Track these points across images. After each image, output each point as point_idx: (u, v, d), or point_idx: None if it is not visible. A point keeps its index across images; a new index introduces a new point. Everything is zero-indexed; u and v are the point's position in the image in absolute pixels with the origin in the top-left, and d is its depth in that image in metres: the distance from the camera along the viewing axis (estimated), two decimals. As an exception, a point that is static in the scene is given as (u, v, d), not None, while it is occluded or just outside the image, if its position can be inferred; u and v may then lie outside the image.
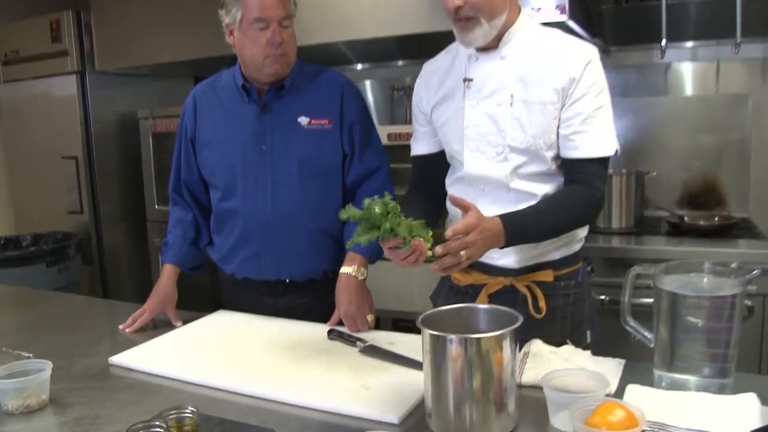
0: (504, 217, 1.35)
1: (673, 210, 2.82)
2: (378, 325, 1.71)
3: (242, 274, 1.82)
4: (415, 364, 1.37)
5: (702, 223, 2.70)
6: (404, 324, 3.21)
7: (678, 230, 2.67)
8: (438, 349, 1.08)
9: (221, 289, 1.93)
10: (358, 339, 1.53)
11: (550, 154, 1.46)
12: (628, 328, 1.34)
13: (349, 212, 1.25)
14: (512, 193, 1.47)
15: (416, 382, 1.27)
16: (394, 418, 1.16)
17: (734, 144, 2.87)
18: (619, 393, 1.22)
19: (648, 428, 1.04)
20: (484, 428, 1.08)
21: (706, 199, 2.94)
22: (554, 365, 1.33)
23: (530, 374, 1.30)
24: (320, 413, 1.21)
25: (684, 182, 2.94)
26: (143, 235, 3.52)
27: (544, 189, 1.47)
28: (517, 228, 1.36)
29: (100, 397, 1.30)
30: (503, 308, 1.18)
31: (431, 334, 1.09)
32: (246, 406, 1.25)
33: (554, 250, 1.51)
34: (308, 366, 1.41)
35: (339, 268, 1.75)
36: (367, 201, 1.24)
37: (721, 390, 1.22)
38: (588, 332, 1.57)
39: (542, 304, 1.49)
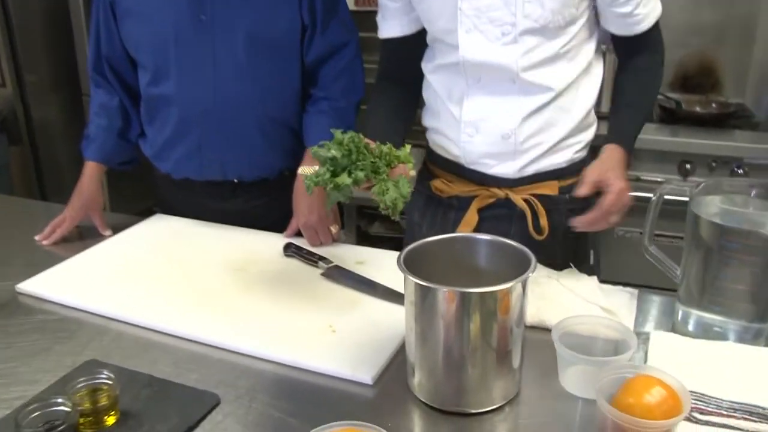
0: (616, 141, 1.17)
1: (665, 93, 2.57)
2: (341, 214, 1.47)
3: (181, 174, 1.52)
4: (391, 295, 1.14)
5: (698, 109, 2.47)
6: (370, 212, 3.00)
7: (672, 117, 2.44)
8: (426, 302, 0.84)
9: (157, 190, 1.63)
10: (321, 258, 1.29)
11: (568, 30, 1.17)
12: (649, 257, 1.11)
13: (311, 180, 0.98)
14: (518, 85, 1.18)
15: (393, 323, 1.05)
16: (366, 378, 0.93)
17: (738, 20, 2.58)
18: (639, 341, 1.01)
19: (688, 403, 0.84)
20: (483, 397, 0.87)
21: (701, 82, 2.69)
22: (557, 297, 1.11)
23: (530, 311, 1.08)
24: (275, 366, 0.98)
25: (679, 62, 2.67)
26: (79, 109, 3.12)
27: (558, 79, 1.18)
28: (631, 138, 1.20)
29: (1, 344, 1.05)
30: (508, 241, 0.93)
31: (417, 284, 0.84)
32: (184, 355, 1.01)
33: (561, 155, 1.25)
34: (260, 297, 1.17)
35: (297, 166, 1.47)
36: (316, 151, 0.98)
37: (758, 336, 1.02)
38: (591, 252, 1.36)
39: (544, 222, 1.25)
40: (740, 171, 2.25)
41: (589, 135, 1.27)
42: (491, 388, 0.86)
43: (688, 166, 2.31)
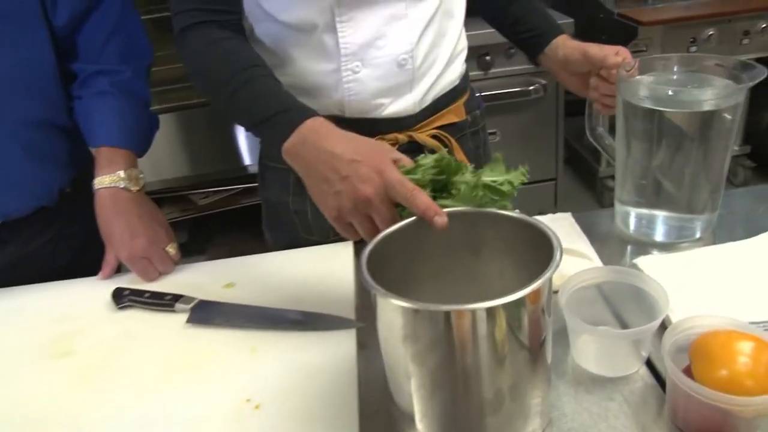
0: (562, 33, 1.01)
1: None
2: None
3: None
4: (306, 323, 0.83)
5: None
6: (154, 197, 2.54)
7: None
8: (432, 332, 0.55)
9: None
10: (176, 297, 0.91)
11: None
12: (594, 140, 0.96)
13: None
14: None
15: (329, 365, 0.76)
16: (353, 463, 0.63)
17: None
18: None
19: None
20: (525, 426, 0.62)
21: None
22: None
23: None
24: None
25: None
26: None
27: None
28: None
29: None
30: (490, 211, 0.66)
31: (415, 311, 0.54)
32: None
33: (453, 70, 1.01)
34: (116, 389, 0.78)
35: (83, 176, 1.05)
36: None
37: (709, 226, 0.91)
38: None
39: (461, 156, 1.02)
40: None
41: (465, 38, 1.05)
42: (530, 412, 0.62)
43: (487, 58, 2.22)
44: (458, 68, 1.02)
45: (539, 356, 0.60)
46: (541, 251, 0.60)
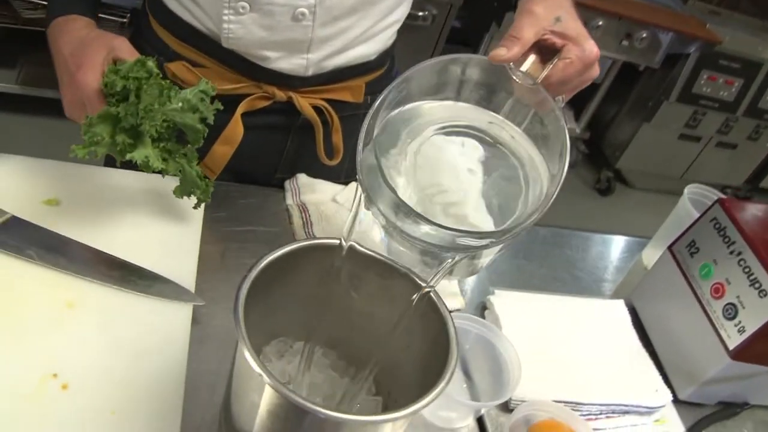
0: None
1: None
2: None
3: None
4: (138, 280, 0.74)
5: None
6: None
7: None
8: (293, 423, 0.50)
9: None
10: (-18, 201, 0.75)
11: None
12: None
13: None
14: None
15: (162, 343, 0.68)
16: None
17: None
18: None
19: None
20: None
21: None
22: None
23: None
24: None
25: None
26: None
27: None
28: None
29: None
30: (395, 265, 0.59)
31: (285, 399, 0.47)
32: None
33: (373, 43, 0.87)
34: None
35: None
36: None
37: None
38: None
39: (338, 139, 0.90)
40: None
41: (406, 8, 0.89)
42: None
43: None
44: (380, 43, 0.88)
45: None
46: (428, 322, 0.57)
